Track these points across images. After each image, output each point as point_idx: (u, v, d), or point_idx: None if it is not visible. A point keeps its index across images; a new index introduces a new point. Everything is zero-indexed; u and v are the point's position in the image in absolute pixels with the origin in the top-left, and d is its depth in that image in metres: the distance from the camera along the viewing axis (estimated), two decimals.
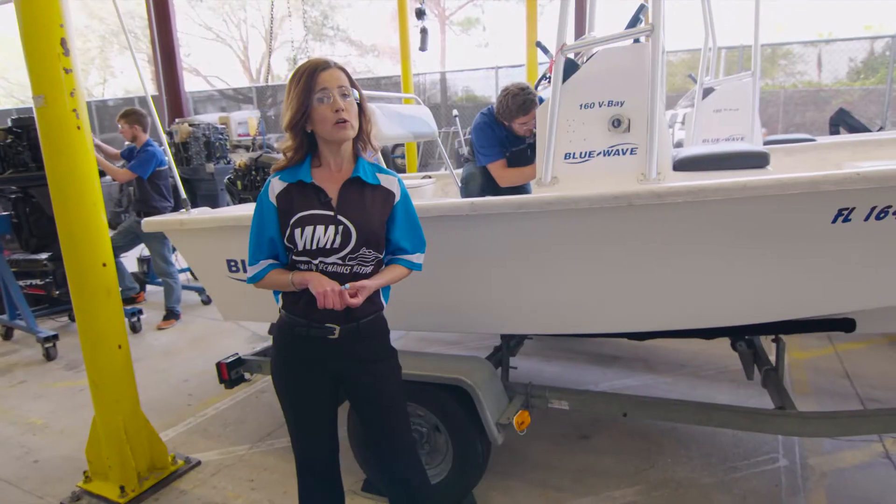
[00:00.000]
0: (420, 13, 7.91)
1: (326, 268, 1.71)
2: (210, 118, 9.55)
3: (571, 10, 2.38)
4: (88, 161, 2.51)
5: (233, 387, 3.17)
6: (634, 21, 2.54)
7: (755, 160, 2.33)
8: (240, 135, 10.82)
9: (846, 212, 1.82)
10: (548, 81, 2.75)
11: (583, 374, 3.84)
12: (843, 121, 6.53)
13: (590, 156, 2.31)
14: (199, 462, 3.01)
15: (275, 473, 2.88)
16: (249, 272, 1.80)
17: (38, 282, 5.07)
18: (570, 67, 2.31)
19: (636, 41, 2.34)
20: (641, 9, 2.55)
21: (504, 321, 2.58)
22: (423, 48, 8.17)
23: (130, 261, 6.34)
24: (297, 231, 1.69)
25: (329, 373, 1.81)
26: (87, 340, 2.64)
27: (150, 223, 3.07)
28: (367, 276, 1.74)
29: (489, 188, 3.28)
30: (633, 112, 2.22)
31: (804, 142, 4.82)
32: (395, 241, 1.82)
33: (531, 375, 3.61)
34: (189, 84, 15.25)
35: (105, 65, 29.26)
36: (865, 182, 1.72)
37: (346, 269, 1.72)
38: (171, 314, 5.41)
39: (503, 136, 3.23)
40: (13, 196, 5.02)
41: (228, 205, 6.17)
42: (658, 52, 2.14)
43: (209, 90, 22.23)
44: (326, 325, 1.74)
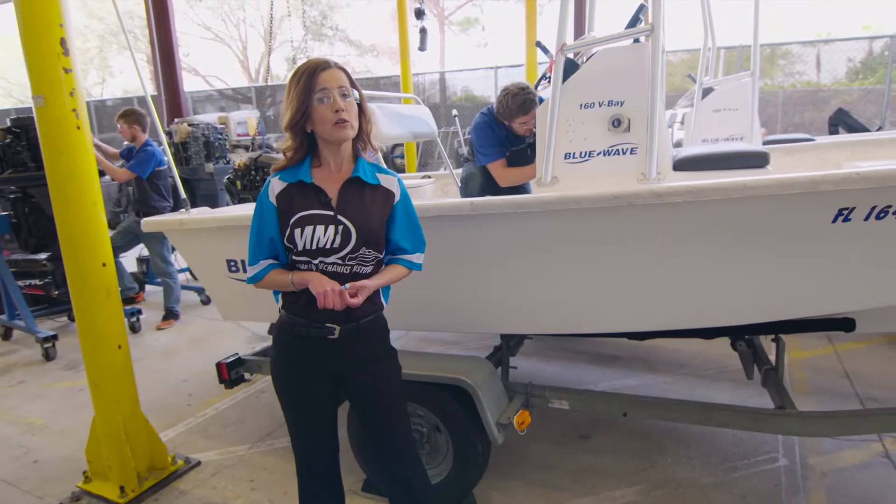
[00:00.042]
0: (419, 13, 7.89)
1: (326, 268, 1.71)
2: (209, 118, 9.52)
3: (571, 10, 2.39)
4: (88, 161, 2.51)
5: (233, 387, 3.17)
6: (634, 21, 2.55)
7: (755, 160, 2.33)
8: (239, 135, 10.79)
9: (846, 211, 1.82)
10: (548, 81, 2.75)
11: (583, 374, 3.85)
12: (842, 121, 6.52)
13: (590, 156, 2.31)
14: (199, 462, 3.01)
15: (275, 473, 2.88)
16: (249, 272, 1.80)
17: (38, 282, 5.07)
18: (570, 67, 2.31)
19: (636, 41, 2.34)
20: (641, 9, 2.56)
21: (504, 321, 2.58)
22: (423, 48, 8.16)
23: (130, 261, 6.33)
24: (297, 231, 1.69)
25: (329, 373, 1.81)
26: (87, 340, 2.64)
27: (150, 223, 3.07)
28: (367, 276, 1.74)
29: (489, 188, 3.28)
30: (633, 112, 2.22)
31: (803, 142, 4.82)
32: (395, 241, 1.82)
33: (531, 375, 3.61)
34: (188, 84, 15.22)
35: (104, 65, 29.23)
36: (865, 182, 1.72)
37: (346, 269, 1.72)
38: (171, 314, 5.41)
39: (503, 136, 3.23)
40: (12, 196, 5.02)
41: (228, 205, 6.15)
42: (658, 52, 2.14)
43: (208, 90, 22.20)
44: (326, 325, 1.74)
